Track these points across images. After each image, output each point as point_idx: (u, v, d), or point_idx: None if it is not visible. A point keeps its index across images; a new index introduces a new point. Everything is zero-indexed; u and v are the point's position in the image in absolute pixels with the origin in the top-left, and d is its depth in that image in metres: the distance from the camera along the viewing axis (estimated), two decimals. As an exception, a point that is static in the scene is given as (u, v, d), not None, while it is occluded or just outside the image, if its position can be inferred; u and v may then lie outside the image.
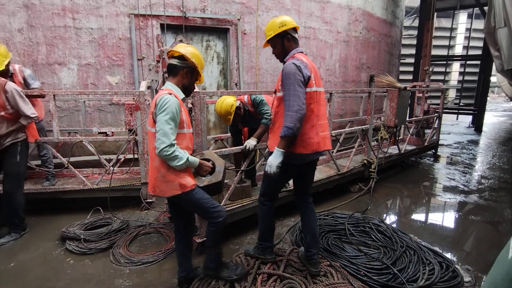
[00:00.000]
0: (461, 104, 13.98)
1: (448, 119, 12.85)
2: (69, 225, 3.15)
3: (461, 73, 15.17)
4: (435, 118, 6.40)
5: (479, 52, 11.78)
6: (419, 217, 3.84)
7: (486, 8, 7.40)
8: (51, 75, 4.53)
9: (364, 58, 7.55)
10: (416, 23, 12.85)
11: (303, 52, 2.28)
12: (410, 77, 11.76)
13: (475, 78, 13.06)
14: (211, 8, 5.16)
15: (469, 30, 13.57)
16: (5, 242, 2.96)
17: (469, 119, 12.02)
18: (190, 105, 2.79)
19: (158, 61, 3.12)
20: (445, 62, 13.18)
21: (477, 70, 12.34)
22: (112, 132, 3.92)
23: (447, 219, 3.77)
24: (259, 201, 2.52)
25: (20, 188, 3.12)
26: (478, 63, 11.97)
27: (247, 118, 3.51)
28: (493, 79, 12.40)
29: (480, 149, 7.80)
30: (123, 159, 3.82)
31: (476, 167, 6.05)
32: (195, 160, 2.12)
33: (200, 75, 2.26)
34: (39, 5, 4.38)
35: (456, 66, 16.36)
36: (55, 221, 3.41)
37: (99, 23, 4.63)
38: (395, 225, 3.53)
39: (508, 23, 5.54)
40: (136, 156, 3.68)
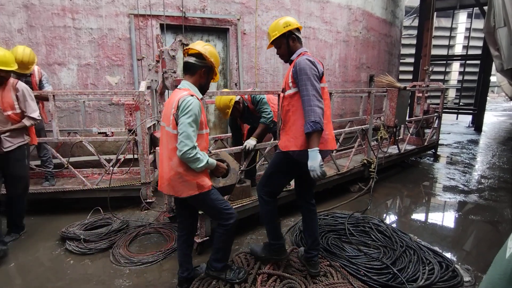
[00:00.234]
0: (461, 103, 13.98)
1: (448, 118, 12.85)
2: (69, 225, 3.15)
3: (461, 73, 15.17)
4: (435, 117, 6.39)
5: (479, 51, 11.78)
6: (419, 217, 3.84)
7: (485, 7, 7.40)
8: (51, 75, 4.53)
9: (364, 58, 7.55)
10: (416, 22, 12.85)
11: (307, 51, 2.26)
12: (410, 77, 11.76)
13: (475, 77, 13.07)
14: (210, 8, 5.16)
15: (468, 29, 13.56)
16: (6, 242, 2.95)
17: (469, 118, 12.02)
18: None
19: (157, 61, 3.12)
20: (445, 61, 13.18)
21: (477, 69, 12.34)
22: (112, 132, 3.91)
23: (447, 219, 3.77)
24: (263, 202, 2.39)
25: (27, 190, 3.13)
26: (478, 62, 11.97)
27: (246, 114, 3.53)
28: (493, 78, 12.41)
29: (480, 148, 7.80)
30: (123, 159, 3.82)
31: (476, 167, 6.05)
32: (213, 162, 2.14)
33: (216, 74, 2.26)
34: (39, 5, 4.38)
35: (456, 65, 16.37)
36: (55, 221, 3.41)
37: (98, 23, 4.63)
38: (395, 225, 3.53)
39: (507, 23, 5.54)
40: (136, 156, 3.68)
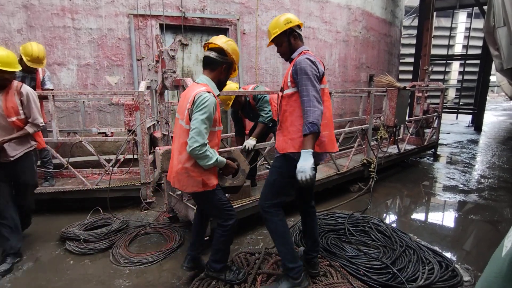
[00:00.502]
0: (460, 103, 13.98)
1: (447, 118, 12.85)
2: (69, 226, 3.15)
3: (460, 73, 15.17)
4: (435, 117, 6.39)
5: (479, 51, 11.78)
6: (418, 216, 3.84)
7: (485, 7, 7.40)
8: (50, 75, 4.52)
9: (363, 57, 7.55)
10: (415, 22, 12.85)
11: (308, 50, 2.19)
12: (409, 77, 11.76)
13: (475, 77, 13.06)
14: (210, 8, 5.16)
15: (468, 29, 13.57)
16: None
17: (468, 118, 12.02)
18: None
19: (157, 61, 3.12)
20: (444, 61, 13.17)
21: (477, 69, 12.34)
22: (111, 132, 3.92)
23: (447, 219, 3.77)
24: (271, 215, 2.16)
25: (33, 196, 3.01)
26: (477, 62, 11.97)
27: (247, 108, 3.57)
28: (493, 78, 12.42)
29: (479, 148, 7.80)
30: (122, 160, 3.82)
31: (475, 167, 6.05)
32: (223, 160, 2.13)
33: (235, 70, 2.26)
34: (38, 6, 4.38)
35: (455, 65, 16.38)
36: (55, 222, 3.41)
37: (98, 24, 4.63)
38: (394, 225, 3.53)
39: (507, 23, 5.54)
40: (135, 156, 3.68)
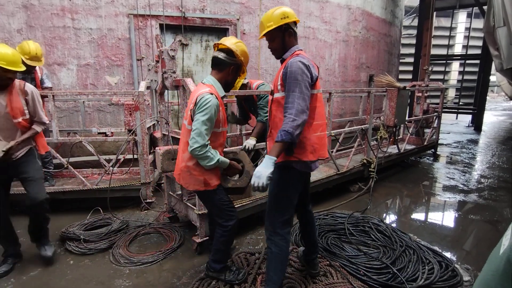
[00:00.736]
0: (460, 103, 13.98)
1: (447, 118, 12.86)
2: (69, 226, 3.15)
3: (460, 73, 15.17)
4: (435, 117, 6.40)
5: (479, 51, 11.79)
6: (418, 216, 3.84)
7: (485, 7, 7.40)
8: (50, 75, 4.52)
9: (363, 57, 7.55)
10: (415, 22, 12.85)
11: (302, 50, 2.06)
12: (409, 77, 11.76)
13: (475, 77, 13.07)
14: (210, 8, 5.16)
15: (468, 29, 13.58)
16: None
17: (468, 118, 12.02)
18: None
19: (157, 61, 3.12)
20: (444, 61, 13.18)
21: (477, 69, 12.34)
22: (111, 132, 3.92)
23: (447, 219, 3.77)
24: (280, 240, 1.97)
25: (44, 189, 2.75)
26: (477, 62, 11.97)
27: (250, 101, 3.66)
28: (493, 78, 12.41)
29: (479, 148, 7.81)
30: (122, 160, 3.82)
31: (475, 166, 6.05)
32: (225, 161, 2.14)
33: (244, 72, 2.25)
34: (38, 6, 4.38)
35: (455, 65, 16.38)
36: (55, 222, 3.39)
37: (98, 24, 4.63)
38: (394, 225, 3.53)
39: (507, 23, 5.54)
40: (135, 156, 3.68)
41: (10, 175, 2.60)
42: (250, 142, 3.19)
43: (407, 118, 5.34)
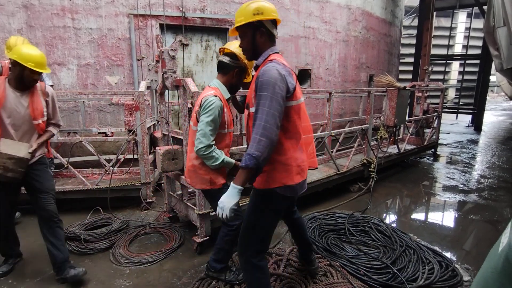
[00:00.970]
0: (460, 103, 13.99)
1: (447, 118, 12.86)
2: (69, 225, 3.15)
3: (460, 73, 15.18)
4: (435, 117, 6.40)
5: (479, 51, 11.79)
6: (418, 216, 3.84)
7: (485, 7, 7.40)
8: (50, 75, 4.53)
9: (363, 57, 7.56)
10: (415, 22, 12.85)
11: (278, 52, 1.76)
12: (409, 77, 11.76)
13: (475, 77, 13.07)
14: (210, 8, 5.16)
15: (468, 29, 13.58)
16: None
17: (468, 118, 12.03)
18: (189, 105, 2.79)
19: (157, 61, 3.12)
20: (444, 61, 13.18)
21: (477, 69, 12.35)
22: (111, 132, 3.91)
23: (447, 219, 3.78)
24: (254, 268, 1.77)
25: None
26: (477, 62, 11.98)
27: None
28: (493, 78, 12.42)
29: (479, 148, 7.81)
30: (122, 159, 3.82)
31: (475, 166, 6.05)
32: (231, 161, 2.20)
33: (249, 75, 2.29)
34: (38, 6, 4.38)
35: (455, 65, 16.39)
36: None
37: (98, 23, 4.63)
38: (394, 225, 3.53)
39: (507, 23, 5.54)
40: (135, 156, 3.68)
41: (23, 180, 2.42)
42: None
43: (407, 118, 5.34)
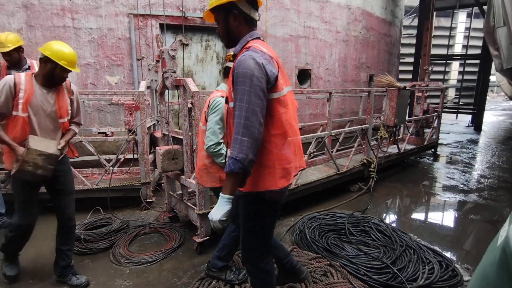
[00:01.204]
0: (460, 103, 13.99)
1: (447, 118, 12.86)
2: (69, 225, 3.15)
3: (460, 73, 15.18)
4: (435, 117, 6.40)
5: (479, 51, 11.79)
6: (418, 216, 3.84)
7: (485, 7, 7.40)
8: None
9: (363, 57, 7.55)
10: (415, 22, 12.85)
11: (260, 37, 1.57)
12: (409, 77, 11.76)
13: (475, 77, 13.07)
14: (210, 8, 5.16)
15: (468, 29, 13.58)
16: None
17: (468, 118, 12.03)
18: (190, 105, 2.79)
19: (157, 61, 3.12)
20: (444, 61, 13.18)
21: (477, 69, 12.35)
22: (111, 132, 3.91)
23: (447, 218, 3.78)
24: (260, 272, 1.71)
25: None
26: (477, 62, 11.98)
27: None
28: (493, 78, 12.41)
29: (479, 148, 7.81)
30: (122, 159, 3.82)
31: (475, 166, 6.05)
32: None
33: None
34: (38, 5, 4.38)
35: (455, 65, 16.39)
36: (55, 221, 3.39)
37: (98, 23, 4.63)
38: (394, 225, 3.53)
39: (507, 23, 5.54)
40: (135, 156, 3.68)
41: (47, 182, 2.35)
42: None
43: (407, 118, 5.34)
